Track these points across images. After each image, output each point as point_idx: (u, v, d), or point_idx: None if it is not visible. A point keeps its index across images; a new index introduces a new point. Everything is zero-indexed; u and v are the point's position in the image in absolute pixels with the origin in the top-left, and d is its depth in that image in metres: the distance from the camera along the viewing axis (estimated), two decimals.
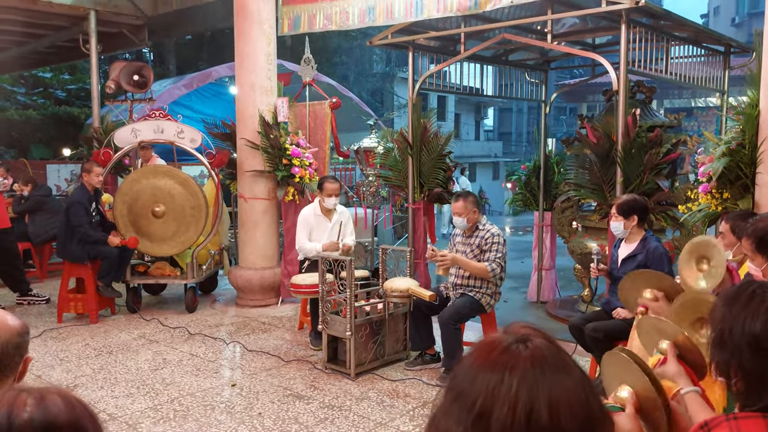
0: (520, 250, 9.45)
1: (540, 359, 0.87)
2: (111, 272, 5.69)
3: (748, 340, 1.15)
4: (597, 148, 4.74)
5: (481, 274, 4.25)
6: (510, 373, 0.85)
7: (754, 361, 1.15)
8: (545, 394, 0.84)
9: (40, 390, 0.97)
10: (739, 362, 1.17)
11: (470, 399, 0.86)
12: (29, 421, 0.91)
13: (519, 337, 0.91)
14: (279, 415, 3.67)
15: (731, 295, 1.25)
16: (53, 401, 0.95)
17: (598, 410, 0.88)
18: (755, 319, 1.16)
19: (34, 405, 0.93)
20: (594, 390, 0.89)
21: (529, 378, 0.85)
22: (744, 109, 3.86)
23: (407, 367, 4.47)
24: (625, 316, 3.65)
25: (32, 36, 8.92)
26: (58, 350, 4.91)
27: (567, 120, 28.92)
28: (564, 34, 5.69)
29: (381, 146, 6.81)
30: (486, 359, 0.89)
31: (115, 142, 6.14)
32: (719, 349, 1.22)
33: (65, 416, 0.94)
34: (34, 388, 0.97)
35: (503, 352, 0.88)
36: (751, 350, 1.15)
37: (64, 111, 12.65)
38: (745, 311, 1.18)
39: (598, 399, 0.89)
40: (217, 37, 15.19)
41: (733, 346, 1.18)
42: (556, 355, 0.89)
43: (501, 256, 4.26)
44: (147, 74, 6.95)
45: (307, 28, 5.72)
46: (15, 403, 0.93)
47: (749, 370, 1.16)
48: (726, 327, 1.20)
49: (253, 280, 6.19)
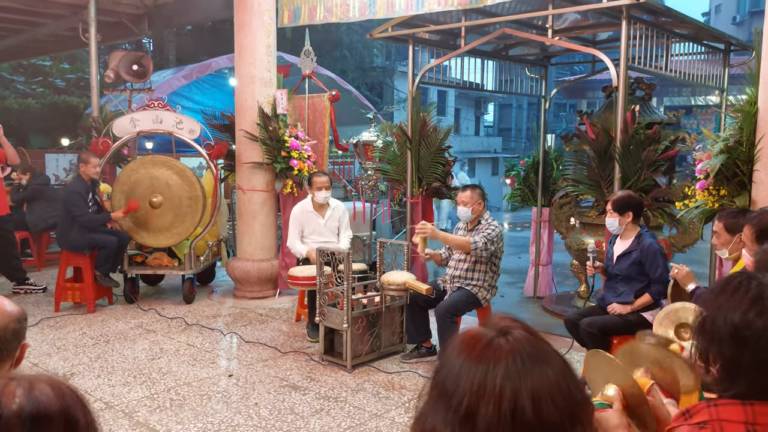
0: (517, 246, 9.47)
1: (520, 352, 0.88)
2: (108, 262, 5.70)
3: (728, 329, 1.19)
4: (595, 144, 4.74)
5: (463, 246, 4.21)
6: (493, 369, 0.87)
7: (732, 349, 1.18)
8: (528, 389, 0.85)
9: (29, 378, 0.95)
10: (718, 349, 1.21)
11: (456, 399, 0.87)
12: (18, 412, 0.89)
13: (499, 329, 0.92)
14: (275, 406, 3.69)
15: (719, 285, 1.28)
16: (43, 390, 0.93)
17: (579, 395, 0.90)
18: (737, 308, 1.19)
19: (23, 395, 0.91)
20: (574, 376, 0.91)
21: (512, 373, 0.86)
22: (742, 106, 3.86)
23: (403, 359, 4.49)
24: (620, 311, 3.68)
25: (31, 24, 8.88)
26: (55, 339, 4.92)
27: (566, 116, 28.90)
28: (564, 30, 5.68)
29: (380, 140, 6.81)
30: (468, 355, 0.90)
31: (114, 131, 6.14)
32: (701, 335, 1.25)
33: (56, 406, 0.92)
34: (23, 377, 0.95)
35: (485, 348, 0.90)
36: (730, 338, 1.18)
37: (63, 100, 12.59)
38: (728, 301, 1.21)
39: (578, 384, 0.91)
40: (217, 28, 15.13)
41: (714, 333, 1.21)
42: (536, 346, 0.90)
43: (490, 238, 4.21)
44: (146, 64, 6.93)
45: (308, 20, 5.71)
46: (3, 392, 0.91)
47: (727, 357, 1.20)
48: (709, 315, 1.24)
49: (250, 272, 6.20)
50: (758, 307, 1.18)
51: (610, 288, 3.84)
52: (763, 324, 1.16)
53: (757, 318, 1.17)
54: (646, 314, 3.67)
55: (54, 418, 0.91)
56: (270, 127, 5.99)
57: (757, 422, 1.17)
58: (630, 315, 3.66)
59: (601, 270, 3.94)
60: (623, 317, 3.66)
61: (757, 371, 1.17)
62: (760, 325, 1.16)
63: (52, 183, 8.34)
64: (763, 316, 1.17)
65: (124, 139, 6.13)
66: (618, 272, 3.78)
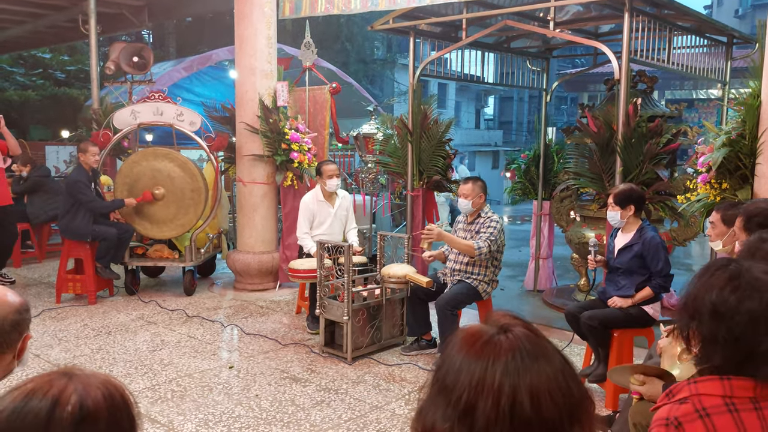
0: (517, 239, 9.47)
1: (520, 349, 0.89)
2: (109, 253, 5.70)
3: (706, 306, 1.28)
4: (597, 137, 4.73)
5: (467, 251, 4.22)
6: (492, 365, 0.87)
7: (709, 325, 1.27)
8: (526, 385, 0.86)
9: (85, 381, 0.96)
10: (697, 326, 1.30)
11: (455, 394, 0.88)
12: (69, 416, 0.91)
13: (500, 327, 0.93)
14: (276, 397, 3.70)
15: (703, 268, 1.37)
16: (96, 397, 0.94)
17: (578, 393, 0.90)
18: (714, 287, 1.28)
19: (77, 401, 0.92)
20: (574, 374, 0.92)
21: (511, 369, 0.87)
22: (745, 99, 3.85)
23: (403, 352, 4.50)
24: (620, 305, 3.68)
25: (31, 15, 8.84)
26: (57, 330, 4.93)
27: (567, 110, 28.83)
28: (566, 22, 5.66)
29: (380, 133, 6.80)
30: (468, 351, 0.91)
31: (115, 123, 6.12)
32: (682, 313, 1.34)
33: (103, 413, 0.94)
34: (80, 377, 0.96)
35: (485, 344, 0.90)
36: (708, 315, 1.27)
37: (64, 92, 12.56)
38: (708, 281, 1.31)
39: (577, 381, 0.91)
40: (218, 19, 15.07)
41: (694, 311, 1.30)
42: (535, 343, 0.91)
43: (493, 239, 4.23)
44: (147, 56, 6.90)
45: (309, 12, 5.68)
46: (62, 395, 0.92)
47: (704, 333, 1.29)
48: (690, 294, 1.33)
49: (251, 264, 6.20)
50: (733, 285, 1.27)
51: (611, 281, 3.84)
52: (736, 301, 1.25)
53: (731, 295, 1.25)
54: (646, 307, 3.67)
55: (98, 424, 0.93)
56: (270, 119, 5.97)
57: (735, 395, 1.25)
58: (631, 308, 3.65)
59: (603, 263, 3.94)
60: (624, 310, 3.66)
61: (732, 346, 1.25)
62: (734, 301, 1.25)
63: (53, 175, 8.33)
64: (737, 293, 1.25)
65: (125, 131, 6.12)
66: (619, 265, 3.77)
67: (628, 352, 3.70)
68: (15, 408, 0.91)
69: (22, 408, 0.90)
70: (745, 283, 1.26)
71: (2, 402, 0.93)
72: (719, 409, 1.23)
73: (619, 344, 3.63)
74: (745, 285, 1.26)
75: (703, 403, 1.24)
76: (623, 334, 3.65)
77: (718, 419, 1.22)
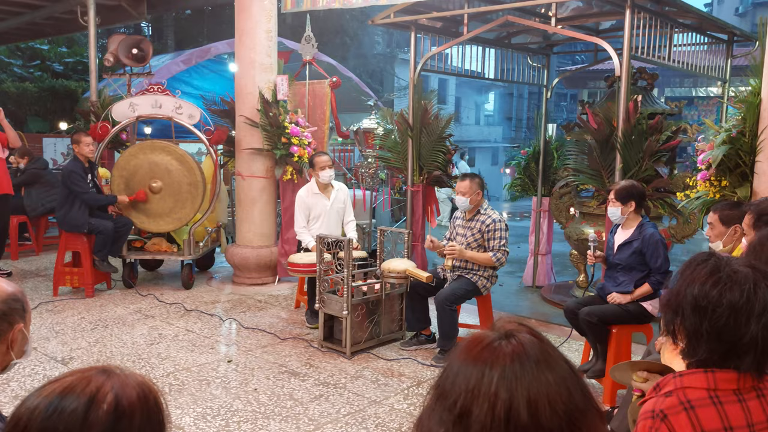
0: (517, 235, 9.47)
1: (521, 355, 0.87)
2: (106, 247, 5.68)
3: (689, 300, 1.29)
4: (597, 134, 4.73)
5: (486, 263, 4.29)
6: (489, 370, 0.86)
7: (693, 319, 1.29)
8: (524, 391, 0.84)
9: (122, 380, 0.96)
10: (681, 320, 1.32)
11: (451, 398, 0.87)
12: (104, 415, 0.91)
13: (504, 332, 0.91)
14: (274, 391, 3.70)
15: (684, 263, 1.38)
16: (131, 397, 0.95)
17: (582, 403, 0.87)
18: (696, 281, 1.30)
19: (112, 401, 0.92)
20: (579, 383, 0.89)
21: (509, 375, 0.85)
22: (746, 97, 3.85)
23: (402, 346, 4.50)
24: (619, 301, 3.68)
25: (29, 7, 8.78)
26: (54, 323, 4.92)
27: (567, 106, 28.79)
28: (567, 18, 5.64)
29: (381, 127, 6.78)
30: (467, 356, 0.90)
31: (113, 116, 6.10)
32: (667, 309, 1.36)
33: (138, 415, 0.94)
34: (118, 376, 0.96)
35: (485, 349, 0.89)
36: (691, 309, 1.29)
37: (61, 84, 12.49)
38: (690, 276, 1.32)
39: (582, 391, 0.89)
40: (217, 12, 15.01)
41: (677, 306, 1.32)
42: (539, 350, 0.89)
43: (504, 242, 4.29)
44: (146, 48, 6.87)
45: (310, 6, 5.65)
46: (99, 393, 0.92)
47: (688, 327, 1.30)
48: (673, 290, 1.35)
49: (249, 258, 6.19)
50: (713, 279, 1.28)
51: (610, 277, 3.85)
52: (718, 294, 1.26)
53: (712, 289, 1.27)
54: (645, 304, 3.67)
55: (133, 423, 0.94)
56: (270, 113, 5.95)
57: (718, 388, 1.27)
58: (629, 304, 3.66)
59: (602, 259, 3.94)
60: (623, 307, 3.66)
61: (714, 339, 1.27)
62: (716, 295, 1.26)
63: (50, 167, 8.30)
64: (718, 287, 1.27)
65: (123, 123, 6.09)
66: (618, 261, 3.78)
67: (627, 349, 3.71)
68: (52, 402, 0.92)
69: (59, 403, 0.92)
70: (726, 277, 1.28)
71: (40, 393, 0.94)
72: (703, 401, 1.26)
73: (618, 340, 3.63)
74: (725, 278, 1.27)
75: (687, 395, 1.27)
76: (622, 330, 3.66)
77: (702, 411, 1.25)
